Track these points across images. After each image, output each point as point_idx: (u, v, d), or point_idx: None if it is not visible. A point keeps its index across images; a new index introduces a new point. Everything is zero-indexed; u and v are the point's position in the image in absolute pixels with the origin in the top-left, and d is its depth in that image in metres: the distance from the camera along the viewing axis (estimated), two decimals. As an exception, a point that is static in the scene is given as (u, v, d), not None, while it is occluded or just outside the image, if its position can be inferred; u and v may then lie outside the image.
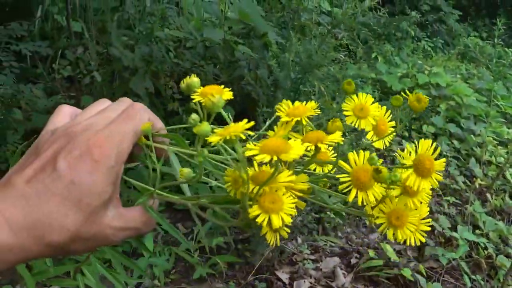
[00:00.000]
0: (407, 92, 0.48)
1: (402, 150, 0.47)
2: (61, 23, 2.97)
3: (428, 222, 0.46)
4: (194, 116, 0.46)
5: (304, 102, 0.48)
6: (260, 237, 1.91)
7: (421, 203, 0.44)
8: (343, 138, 0.44)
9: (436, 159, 0.44)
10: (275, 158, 0.37)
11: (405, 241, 0.45)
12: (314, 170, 0.50)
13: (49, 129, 0.46)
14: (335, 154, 0.49)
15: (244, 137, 0.40)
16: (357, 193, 0.43)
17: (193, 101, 0.47)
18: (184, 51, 2.34)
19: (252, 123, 0.40)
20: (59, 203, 0.39)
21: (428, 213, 0.46)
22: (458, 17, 6.77)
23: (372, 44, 4.38)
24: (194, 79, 0.49)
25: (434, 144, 0.44)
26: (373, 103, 0.51)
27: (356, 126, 0.49)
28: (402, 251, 2.27)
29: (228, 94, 0.48)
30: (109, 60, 2.37)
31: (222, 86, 0.49)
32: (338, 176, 0.45)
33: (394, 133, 0.51)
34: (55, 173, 0.40)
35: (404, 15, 5.50)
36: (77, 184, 0.40)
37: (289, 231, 0.46)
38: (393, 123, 0.51)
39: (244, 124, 0.40)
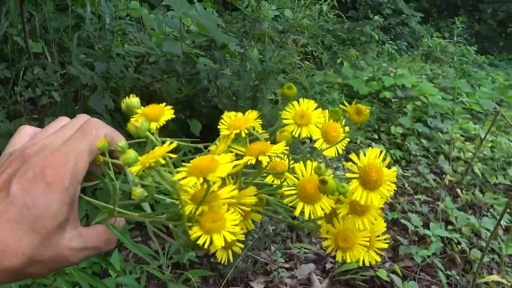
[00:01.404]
0: (345, 103, 0.45)
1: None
2: (21, 44, 2.92)
3: (386, 239, 0.43)
4: (121, 143, 0.43)
5: (247, 113, 0.46)
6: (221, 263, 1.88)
7: (373, 223, 0.42)
8: (287, 148, 0.42)
9: (388, 167, 0.41)
10: (200, 180, 0.36)
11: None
12: (273, 181, 0.49)
13: (8, 152, 0.45)
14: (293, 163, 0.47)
15: (163, 162, 0.37)
16: (304, 207, 0.41)
17: (127, 128, 0.44)
18: (147, 67, 2.32)
19: (175, 144, 0.38)
20: (13, 228, 0.38)
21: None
22: (420, 19, 6.91)
23: (337, 49, 4.43)
24: (133, 100, 0.47)
25: (383, 152, 0.41)
26: (316, 108, 0.47)
27: (297, 135, 0.46)
28: (377, 253, 2.27)
29: (168, 114, 0.46)
30: (69, 79, 2.34)
31: (164, 104, 0.47)
32: (282, 189, 0.43)
33: (348, 139, 0.47)
34: (8, 198, 0.39)
35: (367, 19, 5.59)
36: (30, 207, 0.39)
37: (242, 246, 0.45)
38: (346, 128, 0.47)
39: (166, 147, 0.38)
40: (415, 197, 2.76)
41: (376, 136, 3.47)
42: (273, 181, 0.49)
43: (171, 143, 0.39)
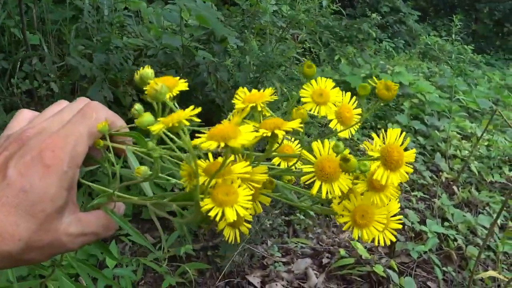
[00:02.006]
0: (375, 79, 0.44)
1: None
2: (18, 36, 2.90)
3: (399, 220, 0.43)
4: (137, 106, 0.43)
5: (262, 89, 0.45)
6: (228, 242, 1.88)
7: (390, 200, 0.41)
8: (302, 125, 0.40)
9: (405, 150, 0.40)
10: (222, 144, 0.34)
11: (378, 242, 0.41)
12: (279, 165, 0.48)
13: (5, 134, 0.44)
14: (300, 148, 0.47)
15: (188, 124, 0.36)
16: (321, 186, 0.40)
17: (146, 92, 0.43)
18: (145, 59, 2.31)
19: (199, 109, 0.37)
20: (10, 212, 0.37)
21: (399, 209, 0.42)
22: (418, 18, 6.92)
23: (335, 46, 4.42)
24: (148, 70, 0.46)
25: (403, 134, 0.40)
26: (334, 87, 0.47)
27: (316, 113, 0.45)
28: (373, 248, 2.28)
29: (182, 85, 0.45)
30: (68, 70, 2.33)
31: (178, 77, 0.46)
32: (301, 166, 0.42)
33: (360, 122, 0.47)
34: (5, 181, 0.38)
35: (365, 17, 5.58)
36: (28, 191, 0.38)
37: (249, 226, 0.44)
38: (359, 111, 0.47)
39: (189, 110, 0.37)
40: (411, 194, 2.76)
41: (373, 133, 3.47)
42: (279, 164, 0.48)
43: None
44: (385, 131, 0.41)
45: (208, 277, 1.97)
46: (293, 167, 0.45)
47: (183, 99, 2.31)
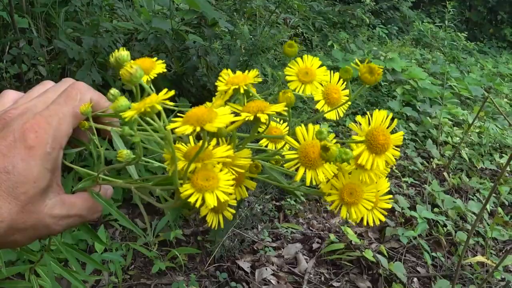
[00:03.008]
0: (357, 61, 0.41)
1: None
2: (6, 19, 2.86)
3: (389, 199, 0.42)
4: (113, 90, 0.42)
5: (247, 72, 0.44)
6: (218, 226, 1.88)
7: (379, 177, 0.40)
8: (286, 109, 0.39)
9: (392, 132, 0.39)
10: (197, 129, 0.33)
11: (367, 223, 0.40)
12: (266, 146, 0.47)
13: None
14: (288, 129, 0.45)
15: (160, 108, 0.35)
16: (305, 172, 0.38)
17: (121, 76, 0.41)
18: (135, 43, 2.29)
19: (172, 92, 0.36)
20: None
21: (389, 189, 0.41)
22: (411, 4, 6.89)
23: (328, 32, 4.40)
24: (123, 52, 0.44)
25: (391, 115, 0.39)
26: (321, 66, 0.45)
27: (301, 93, 0.44)
28: (363, 234, 2.29)
29: (160, 67, 0.44)
30: (56, 54, 2.30)
31: (155, 58, 0.45)
32: (284, 153, 0.41)
33: (349, 103, 0.45)
34: None
35: (358, 3, 5.55)
36: (10, 172, 0.37)
37: (233, 211, 0.43)
38: (347, 92, 0.45)
39: (163, 94, 0.36)
40: (402, 180, 2.77)
41: (358, 116, 3.47)
42: (266, 145, 0.47)
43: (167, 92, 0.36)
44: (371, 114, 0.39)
45: (198, 262, 1.97)
46: (281, 150, 0.44)
47: (174, 84, 2.29)
